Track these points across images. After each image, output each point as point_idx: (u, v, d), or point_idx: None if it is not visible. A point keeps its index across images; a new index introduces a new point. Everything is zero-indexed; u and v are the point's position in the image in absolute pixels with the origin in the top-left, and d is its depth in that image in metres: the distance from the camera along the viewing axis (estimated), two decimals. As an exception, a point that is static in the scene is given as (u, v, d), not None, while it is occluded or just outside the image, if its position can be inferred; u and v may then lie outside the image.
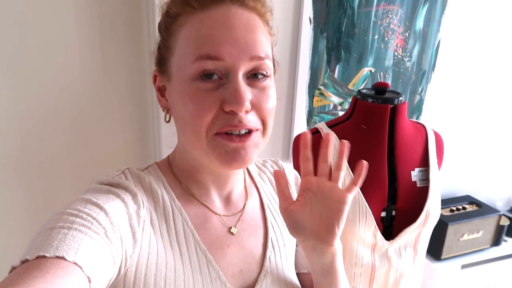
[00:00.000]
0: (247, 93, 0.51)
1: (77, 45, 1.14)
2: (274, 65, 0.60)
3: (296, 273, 0.72)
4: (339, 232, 0.58)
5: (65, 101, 1.18)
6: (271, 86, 0.55)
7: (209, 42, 0.50)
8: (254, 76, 0.53)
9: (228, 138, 0.53)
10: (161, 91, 0.60)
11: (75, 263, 0.39)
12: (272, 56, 0.58)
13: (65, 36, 1.13)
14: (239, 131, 0.53)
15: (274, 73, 0.60)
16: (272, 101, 0.55)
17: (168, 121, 0.61)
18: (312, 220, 0.57)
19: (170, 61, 0.55)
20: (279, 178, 0.59)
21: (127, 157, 1.31)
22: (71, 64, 1.16)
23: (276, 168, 0.75)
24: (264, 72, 0.54)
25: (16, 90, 1.11)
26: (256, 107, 0.53)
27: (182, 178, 0.62)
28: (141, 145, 1.32)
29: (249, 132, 0.54)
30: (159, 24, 0.58)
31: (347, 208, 0.57)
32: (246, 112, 0.52)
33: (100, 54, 1.18)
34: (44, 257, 0.39)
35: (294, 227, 0.58)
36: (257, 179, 0.72)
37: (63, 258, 0.39)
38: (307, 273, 0.72)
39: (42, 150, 1.19)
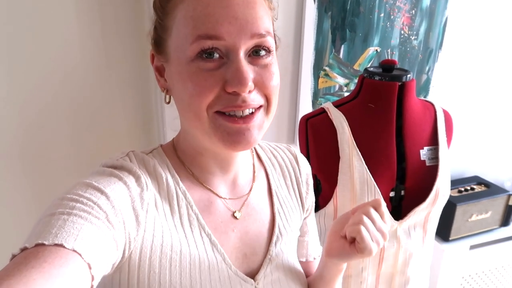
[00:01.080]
0: (249, 72, 0.50)
1: (77, 31, 1.13)
2: (275, 41, 0.58)
3: None
4: (341, 260, 0.64)
5: (67, 88, 1.17)
6: (274, 63, 0.54)
7: (207, 21, 0.48)
8: (256, 53, 0.51)
9: (231, 120, 0.51)
10: (160, 71, 0.59)
11: (74, 250, 0.38)
12: (273, 31, 0.57)
13: (65, 23, 1.11)
14: (242, 112, 0.51)
15: (276, 49, 0.58)
16: (276, 78, 0.54)
17: (168, 102, 0.60)
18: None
19: (167, 42, 0.54)
20: (373, 203, 0.61)
21: (132, 142, 1.30)
22: (72, 51, 1.14)
23: (289, 154, 0.73)
24: (266, 49, 0.52)
25: (18, 80, 1.10)
26: (260, 85, 0.52)
27: (186, 162, 0.61)
28: (146, 130, 1.31)
29: (252, 112, 0.52)
30: (154, 2, 0.56)
31: (356, 259, 0.61)
32: (249, 92, 0.51)
33: (101, 40, 1.16)
34: (43, 245, 0.38)
35: (334, 251, 0.63)
36: (267, 163, 0.70)
37: (61, 245, 0.38)
38: (304, 261, 0.76)
39: (46, 138, 1.18)
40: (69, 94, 1.17)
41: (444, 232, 1.57)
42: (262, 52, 0.52)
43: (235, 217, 0.62)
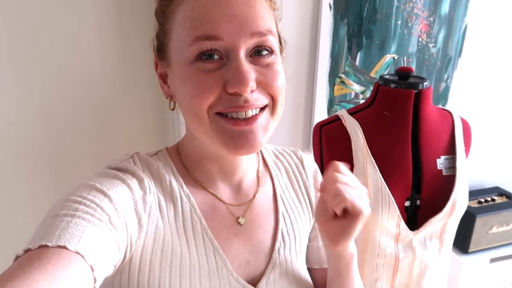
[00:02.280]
0: (251, 72, 0.48)
1: (96, 34, 1.15)
2: (281, 43, 0.57)
3: (308, 268, 0.69)
4: (346, 241, 0.56)
5: (86, 91, 1.19)
6: (278, 63, 0.52)
7: (205, 21, 0.47)
8: (257, 53, 0.50)
9: (233, 122, 0.50)
10: (163, 78, 0.58)
11: (77, 252, 0.39)
12: (278, 32, 0.55)
13: (84, 25, 1.13)
14: (245, 113, 0.49)
15: (281, 52, 0.56)
16: (281, 77, 0.52)
17: (173, 109, 0.59)
18: (327, 215, 0.56)
19: (168, 46, 0.53)
20: (333, 168, 0.55)
21: (148, 144, 1.31)
22: (90, 55, 1.16)
23: (295, 158, 0.72)
24: (269, 48, 0.50)
25: (39, 84, 1.13)
26: (263, 84, 0.50)
27: (189, 166, 0.60)
28: (162, 131, 1.32)
29: (256, 114, 0.50)
30: (156, 9, 0.56)
31: (359, 224, 0.54)
32: (252, 91, 0.49)
33: (119, 43, 1.18)
34: (46, 246, 0.38)
35: (317, 211, 0.58)
36: (273, 167, 0.69)
37: (65, 247, 0.38)
38: (318, 269, 0.71)
39: (68, 140, 1.21)
40: (88, 96, 1.20)
41: (463, 243, 1.52)
42: (264, 52, 0.50)
43: (239, 223, 0.61)
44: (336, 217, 0.55)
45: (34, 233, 0.42)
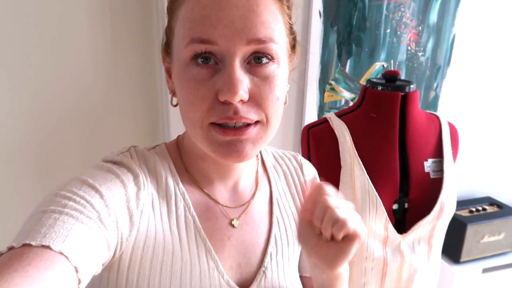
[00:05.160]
0: (243, 80, 0.46)
1: (87, 36, 1.15)
2: (294, 47, 0.54)
3: (299, 276, 0.68)
4: (344, 263, 0.53)
5: (77, 94, 1.19)
6: (279, 75, 0.49)
7: (201, 23, 0.46)
8: (257, 59, 0.47)
9: (222, 130, 0.48)
10: (169, 73, 0.57)
11: (61, 253, 0.38)
12: (293, 36, 0.53)
13: (76, 28, 1.14)
14: (234, 123, 0.48)
15: (291, 58, 0.54)
16: (278, 91, 0.49)
17: (176, 105, 0.57)
18: (318, 240, 0.52)
19: (172, 43, 0.52)
20: (319, 190, 0.51)
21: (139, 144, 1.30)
22: (81, 57, 1.17)
23: (294, 163, 0.71)
24: (269, 56, 0.47)
25: (30, 88, 1.13)
26: (257, 98, 0.48)
27: (187, 164, 0.59)
28: (152, 132, 1.32)
29: (248, 124, 0.49)
30: (167, 5, 0.55)
31: (356, 246, 0.51)
32: (243, 102, 0.47)
33: (111, 45, 1.19)
34: (30, 245, 0.37)
35: (302, 236, 0.54)
36: (271, 171, 0.68)
37: (48, 247, 0.37)
38: (309, 277, 0.70)
39: (58, 143, 1.20)
40: (79, 99, 1.19)
41: (454, 253, 1.51)
42: (264, 60, 0.47)
43: (232, 225, 0.59)
44: (330, 241, 0.51)
45: (20, 227, 0.41)
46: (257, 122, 0.49)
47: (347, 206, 0.51)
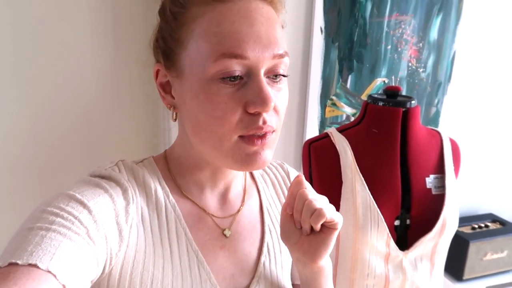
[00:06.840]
0: (271, 92, 0.49)
1: (90, 42, 1.15)
2: None
3: (292, 284, 0.68)
4: (326, 254, 0.57)
5: (76, 102, 1.19)
6: (285, 88, 0.54)
7: (233, 38, 0.47)
8: (274, 77, 0.51)
9: (251, 141, 0.50)
10: (164, 87, 0.56)
11: (49, 271, 0.37)
12: None
13: (79, 35, 1.13)
14: (260, 133, 0.50)
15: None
16: (286, 101, 0.54)
17: (175, 120, 0.58)
18: (300, 235, 0.57)
19: (180, 56, 0.51)
20: (298, 184, 0.56)
21: (139, 152, 1.29)
22: (83, 61, 1.16)
23: (281, 171, 0.72)
24: (283, 72, 0.52)
25: (32, 92, 1.13)
26: (275, 108, 0.52)
27: (177, 174, 0.59)
28: (153, 142, 1.31)
29: (265, 133, 0.51)
30: (163, 11, 0.54)
31: (335, 235, 0.55)
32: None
33: (112, 51, 1.19)
34: (16, 264, 0.37)
35: (284, 233, 0.58)
36: (259, 180, 0.68)
37: (35, 266, 0.37)
38: (299, 284, 0.70)
39: (56, 147, 1.19)
40: (77, 108, 1.19)
41: (457, 270, 1.49)
42: (278, 78, 0.52)
43: (225, 235, 0.59)
44: (311, 234, 0.56)
45: (6, 245, 0.40)
46: (273, 131, 0.53)
47: (323, 199, 0.55)
